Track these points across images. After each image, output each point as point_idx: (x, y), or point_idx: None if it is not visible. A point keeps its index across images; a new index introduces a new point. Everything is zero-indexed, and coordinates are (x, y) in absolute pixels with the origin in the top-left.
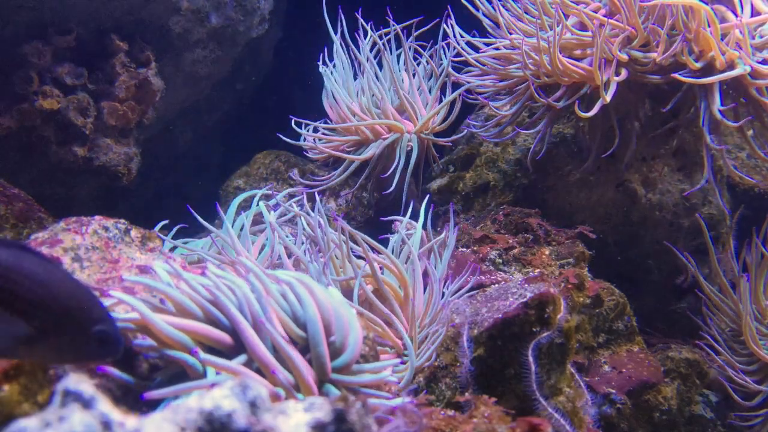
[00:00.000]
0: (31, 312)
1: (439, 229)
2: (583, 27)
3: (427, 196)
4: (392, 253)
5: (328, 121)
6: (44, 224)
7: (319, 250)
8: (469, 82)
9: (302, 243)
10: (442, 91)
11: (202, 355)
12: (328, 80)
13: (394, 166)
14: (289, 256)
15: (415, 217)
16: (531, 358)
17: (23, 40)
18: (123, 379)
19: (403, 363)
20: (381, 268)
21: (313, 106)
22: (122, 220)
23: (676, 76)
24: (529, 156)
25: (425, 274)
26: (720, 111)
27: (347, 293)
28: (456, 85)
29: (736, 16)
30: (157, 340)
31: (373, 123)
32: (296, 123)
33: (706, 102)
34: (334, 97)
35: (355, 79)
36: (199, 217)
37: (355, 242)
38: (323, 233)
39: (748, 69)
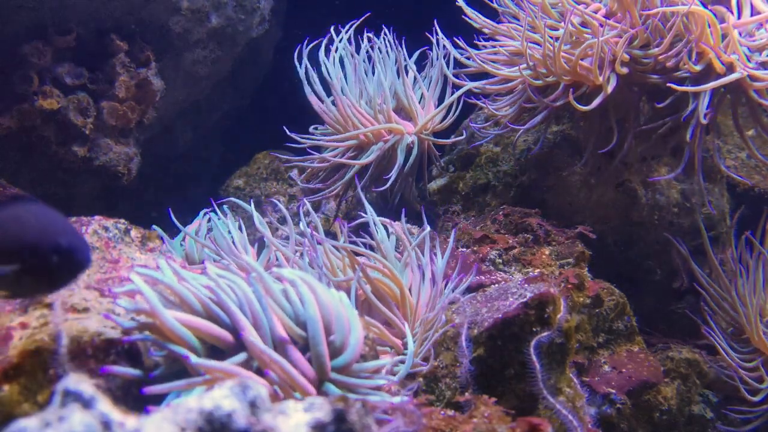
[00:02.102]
0: (4, 254)
1: (438, 230)
2: (582, 26)
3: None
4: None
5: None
6: None
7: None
8: (469, 83)
9: (295, 251)
10: (442, 89)
11: (194, 359)
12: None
13: (395, 167)
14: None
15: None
16: (534, 356)
17: (23, 40)
18: (129, 374)
19: (403, 363)
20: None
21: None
22: (122, 220)
23: (673, 86)
24: (527, 154)
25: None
26: (705, 116)
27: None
28: (457, 84)
29: (736, 16)
30: (162, 335)
31: (374, 129)
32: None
33: (696, 104)
34: (318, 96)
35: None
36: (212, 216)
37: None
38: (311, 238)
39: (746, 74)
